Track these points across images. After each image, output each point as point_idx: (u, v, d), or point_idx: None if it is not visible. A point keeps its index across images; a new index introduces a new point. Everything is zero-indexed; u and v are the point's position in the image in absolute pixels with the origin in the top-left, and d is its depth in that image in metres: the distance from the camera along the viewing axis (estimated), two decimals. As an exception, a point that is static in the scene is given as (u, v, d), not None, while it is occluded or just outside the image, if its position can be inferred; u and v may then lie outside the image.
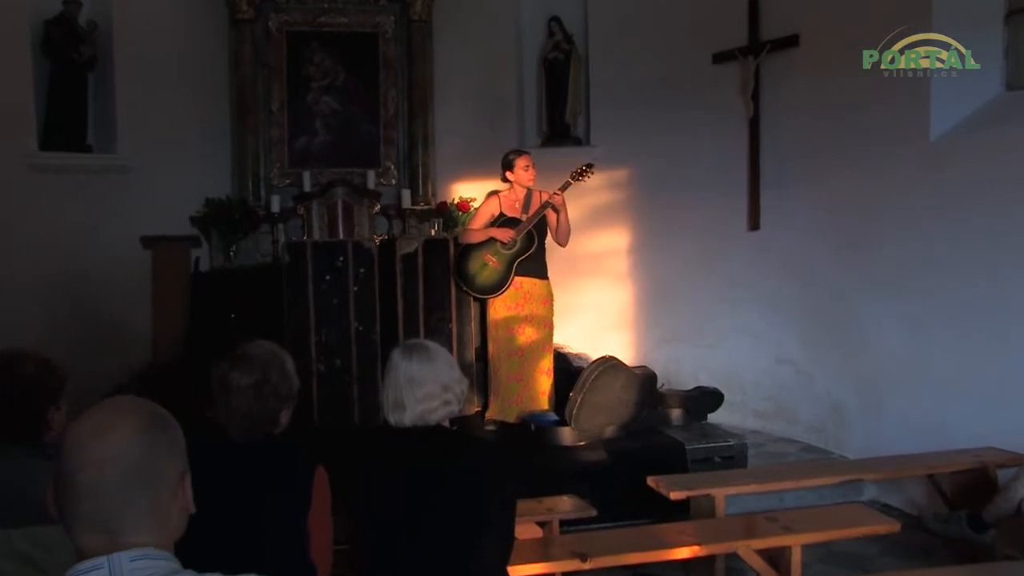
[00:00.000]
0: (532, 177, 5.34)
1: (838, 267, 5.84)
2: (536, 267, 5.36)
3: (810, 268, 6.08)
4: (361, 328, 5.40)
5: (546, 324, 5.40)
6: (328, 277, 5.37)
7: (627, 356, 6.33)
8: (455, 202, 7.62)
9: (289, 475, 2.25)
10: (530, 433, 5.17)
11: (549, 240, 5.43)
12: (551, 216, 5.34)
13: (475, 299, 5.59)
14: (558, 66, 7.72)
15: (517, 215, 5.37)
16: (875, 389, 5.54)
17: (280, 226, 7.37)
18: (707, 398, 5.71)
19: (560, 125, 7.73)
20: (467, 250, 5.41)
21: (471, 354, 5.63)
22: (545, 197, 5.28)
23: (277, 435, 2.34)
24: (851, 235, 5.74)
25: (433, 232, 7.50)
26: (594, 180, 5.60)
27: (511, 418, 5.34)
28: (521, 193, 5.39)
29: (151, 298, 5.79)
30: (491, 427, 5.38)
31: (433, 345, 2.48)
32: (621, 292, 7.40)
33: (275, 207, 7.36)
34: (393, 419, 2.39)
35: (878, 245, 5.54)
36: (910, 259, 5.30)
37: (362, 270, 5.42)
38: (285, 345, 2.49)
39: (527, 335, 5.34)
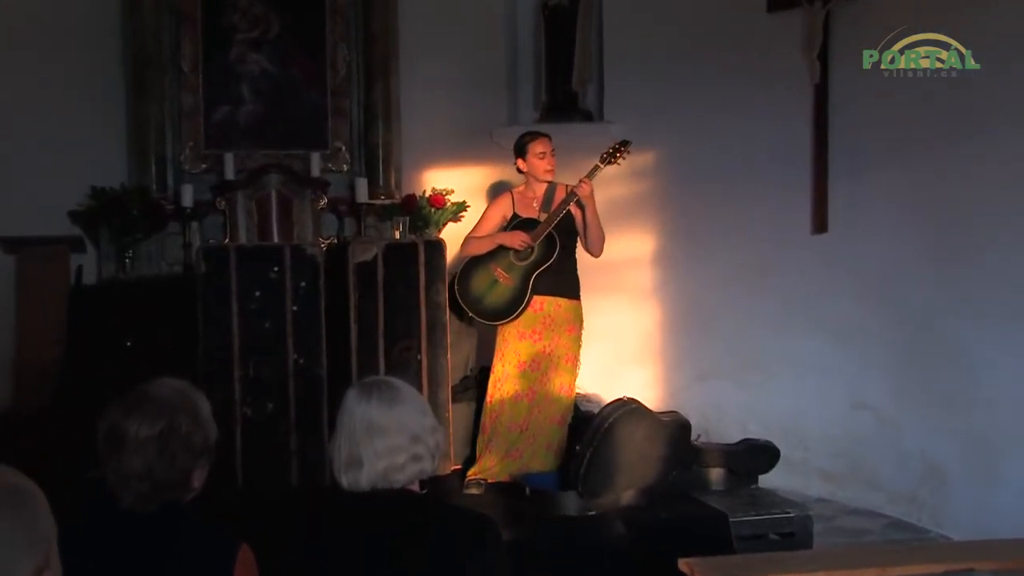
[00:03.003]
0: (548, 168, 5.46)
1: (934, 283, 5.85)
2: (562, 282, 5.46)
3: (895, 284, 6.09)
4: (302, 361, 5.40)
5: (569, 358, 5.49)
6: (258, 293, 5.38)
7: (652, 398, 6.34)
8: (426, 195, 7.60)
9: (202, 558, 2.24)
10: (524, 499, 5.17)
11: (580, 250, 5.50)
12: (577, 215, 5.35)
13: (481, 324, 5.69)
14: (562, 17, 7.73)
15: (535, 216, 5.41)
16: (986, 447, 5.53)
17: (194, 225, 7.32)
18: (758, 455, 5.68)
19: (564, 94, 7.75)
20: (470, 264, 5.53)
21: (446, 395, 5.64)
22: (571, 190, 5.30)
23: (187, 503, 2.34)
24: (952, 241, 5.75)
25: (397, 234, 7.53)
26: (610, 169, 5.61)
27: (503, 475, 5.39)
28: (540, 189, 5.50)
29: (14, 320, 5.75)
30: (474, 490, 5.40)
31: (399, 383, 2.51)
32: (645, 314, 7.42)
33: (187, 200, 7.29)
34: (346, 480, 2.39)
35: (987, 256, 5.54)
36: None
37: (303, 284, 5.43)
38: (199, 383, 2.48)
39: (544, 371, 5.41)
